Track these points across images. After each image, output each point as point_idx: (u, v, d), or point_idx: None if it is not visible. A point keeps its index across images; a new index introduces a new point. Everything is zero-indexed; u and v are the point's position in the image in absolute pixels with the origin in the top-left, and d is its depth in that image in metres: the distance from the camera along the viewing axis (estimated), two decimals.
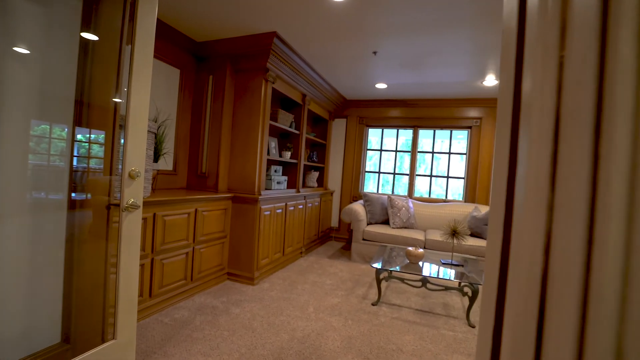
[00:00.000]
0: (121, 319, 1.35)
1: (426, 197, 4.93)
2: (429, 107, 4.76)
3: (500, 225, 0.33)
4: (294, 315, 2.42)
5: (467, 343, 2.18)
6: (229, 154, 3.20)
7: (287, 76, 3.39)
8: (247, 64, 3.07)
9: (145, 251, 2.15)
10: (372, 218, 4.34)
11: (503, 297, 0.31)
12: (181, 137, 3.11)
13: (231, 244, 3.09)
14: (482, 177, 4.53)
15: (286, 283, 3.10)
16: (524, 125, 0.30)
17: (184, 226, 2.48)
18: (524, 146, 0.29)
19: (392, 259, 2.98)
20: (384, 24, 2.54)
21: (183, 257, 2.51)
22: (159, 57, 2.76)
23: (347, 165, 5.24)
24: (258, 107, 3.07)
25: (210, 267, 2.84)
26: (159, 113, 2.79)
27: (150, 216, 2.17)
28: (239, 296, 2.70)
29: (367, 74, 3.82)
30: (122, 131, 1.40)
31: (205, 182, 3.14)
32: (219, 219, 2.92)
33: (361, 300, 2.80)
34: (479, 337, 0.36)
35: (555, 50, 0.25)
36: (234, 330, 2.13)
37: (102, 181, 1.64)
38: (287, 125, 3.75)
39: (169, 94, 2.93)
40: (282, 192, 3.53)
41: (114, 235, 1.48)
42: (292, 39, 2.95)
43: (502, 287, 0.31)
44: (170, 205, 2.34)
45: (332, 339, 2.10)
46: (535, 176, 0.26)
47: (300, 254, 4.10)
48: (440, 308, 2.75)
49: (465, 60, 3.16)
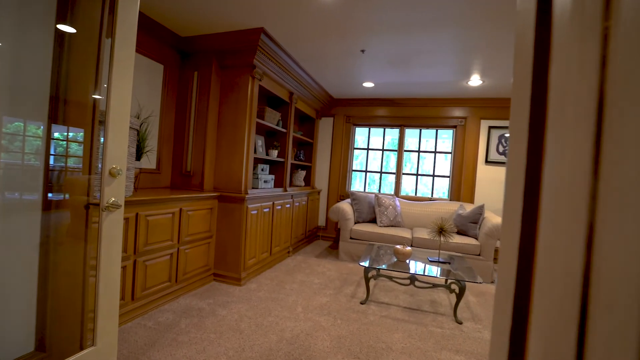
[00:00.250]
0: (101, 324, 1.28)
1: (412, 195, 4.97)
2: (415, 106, 4.81)
3: (517, 223, 0.31)
4: (283, 315, 2.38)
5: (455, 339, 2.20)
6: (214, 152, 3.12)
7: (274, 73, 3.34)
8: (233, 60, 3.01)
9: (127, 252, 2.07)
10: (359, 217, 4.34)
11: (522, 297, 0.29)
12: (165, 134, 3.02)
13: (217, 244, 3.02)
14: (466, 175, 4.61)
15: (274, 283, 3.06)
16: (556, 116, 0.27)
17: (168, 226, 2.41)
18: (557, 136, 0.27)
19: (380, 257, 2.98)
20: (372, 22, 2.53)
21: (167, 258, 2.44)
22: (141, 51, 2.67)
23: (334, 164, 5.23)
24: (244, 104, 3.01)
25: (195, 268, 2.76)
26: (141, 109, 2.69)
27: (133, 216, 2.09)
28: (225, 297, 2.64)
29: (354, 73, 3.81)
30: (103, 127, 1.33)
31: (190, 181, 3.06)
32: (205, 218, 2.85)
33: (350, 299, 2.79)
34: (492, 343, 0.35)
35: (597, 20, 0.23)
36: (221, 332, 2.08)
37: (81, 180, 1.56)
38: (274, 123, 3.71)
39: (152, 90, 2.84)
40: (269, 191, 3.48)
41: (93, 236, 1.41)
42: (280, 36, 2.90)
43: (522, 287, 0.29)
44: (154, 205, 2.26)
45: (321, 339, 2.08)
46: (573, 163, 0.23)
47: (287, 254, 4.06)
48: (427, 305, 2.77)
49: (451, 60, 3.20)
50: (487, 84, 3.88)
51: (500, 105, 4.44)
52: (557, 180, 0.26)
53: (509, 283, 0.31)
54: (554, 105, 0.28)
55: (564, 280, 0.23)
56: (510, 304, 0.30)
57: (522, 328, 0.29)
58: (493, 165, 4.54)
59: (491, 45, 2.79)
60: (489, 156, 4.54)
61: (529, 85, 0.32)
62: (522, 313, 0.29)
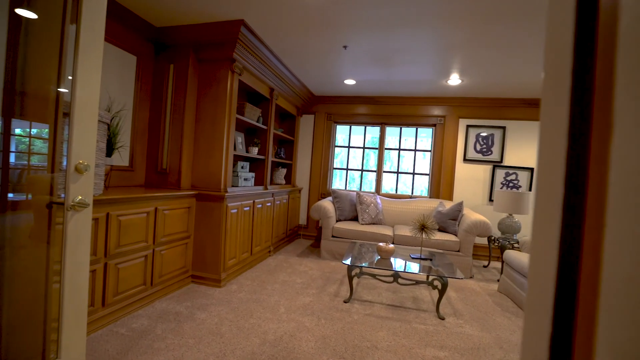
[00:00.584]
0: (67, 334, 1.17)
1: (393, 193, 5.01)
2: (396, 104, 4.84)
3: (556, 225, 0.28)
4: (265, 317, 2.31)
5: (439, 335, 2.21)
6: (192, 148, 2.99)
7: (254, 68, 3.24)
8: (212, 53, 2.89)
9: (97, 255, 1.93)
10: (341, 215, 4.32)
11: (564, 301, 0.26)
12: (139, 129, 2.86)
13: (195, 244, 2.90)
14: (445, 173, 4.69)
15: (255, 284, 2.97)
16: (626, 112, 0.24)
17: (142, 226, 2.27)
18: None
19: (362, 255, 2.97)
20: (355, 17, 2.50)
21: (142, 260, 2.30)
22: (112, 41, 2.50)
23: (315, 162, 5.18)
24: (224, 99, 2.90)
25: (172, 270, 2.64)
26: (112, 102, 2.53)
27: (103, 216, 1.96)
28: (204, 300, 2.54)
29: (336, 69, 3.77)
30: (68, 119, 1.21)
31: (167, 179, 2.92)
32: (182, 218, 2.72)
33: (333, 298, 2.75)
34: (523, 348, 0.31)
35: None
36: (200, 337, 1.99)
37: (44, 178, 1.42)
38: (255, 120, 3.61)
39: (124, 83, 2.68)
40: (250, 189, 3.38)
41: (58, 238, 1.29)
42: (261, 29, 2.81)
43: (564, 289, 0.26)
44: (127, 204, 2.12)
45: (305, 340, 2.03)
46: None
47: (268, 253, 3.97)
48: (410, 302, 2.78)
49: (431, 58, 3.22)
50: (466, 84, 3.95)
51: (478, 105, 4.55)
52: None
53: (546, 293, 0.27)
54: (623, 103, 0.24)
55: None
56: (550, 311, 0.27)
57: (566, 339, 0.26)
58: (471, 163, 4.65)
59: (470, 44, 2.83)
60: (467, 154, 4.64)
61: (569, 80, 0.28)
62: (567, 322, 0.26)
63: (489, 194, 4.57)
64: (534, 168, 4.44)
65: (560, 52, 0.31)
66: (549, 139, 0.31)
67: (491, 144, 4.57)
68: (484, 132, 4.59)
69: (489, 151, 4.58)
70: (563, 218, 0.28)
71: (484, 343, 2.15)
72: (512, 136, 4.52)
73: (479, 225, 3.57)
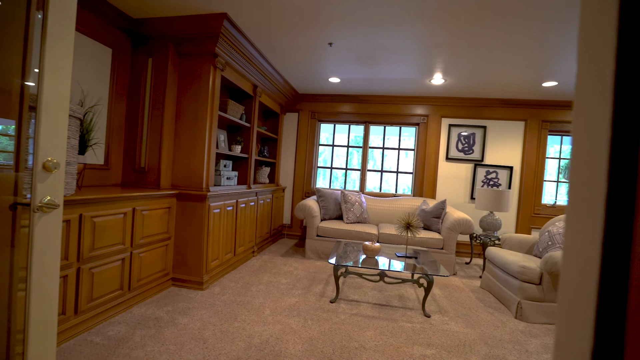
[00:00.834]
0: (34, 346, 1.07)
1: (377, 192, 5.03)
2: (380, 103, 4.85)
3: (599, 223, 0.25)
4: (250, 319, 2.25)
5: (425, 333, 2.22)
6: (172, 146, 2.88)
7: (237, 64, 3.15)
8: (193, 47, 2.78)
9: (69, 259, 1.81)
10: (325, 214, 4.29)
11: (609, 310, 0.23)
12: (115, 126, 2.71)
13: (176, 246, 2.79)
14: (429, 172, 4.75)
15: (239, 285, 2.89)
16: None
17: (119, 228, 2.16)
18: None
19: (347, 254, 2.94)
20: (340, 13, 2.46)
21: (118, 263, 2.18)
22: (85, 32, 2.36)
23: (299, 161, 5.13)
24: (206, 95, 2.80)
25: (152, 273, 2.52)
26: (85, 97, 2.38)
27: (76, 217, 1.83)
28: (186, 303, 2.44)
29: (321, 67, 3.73)
30: (35, 113, 1.11)
31: (145, 178, 2.79)
32: (162, 218, 2.61)
33: (319, 298, 2.71)
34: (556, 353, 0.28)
35: None
36: (182, 343, 1.90)
37: (8, 177, 1.31)
38: (238, 117, 3.51)
39: (99, 76, 2.53)
40: (233, 188, 3.29)
41: (24, 242, 1.18)
42: (244, 24, 2.73)
43: (609, 296, 0.23)
44: (102, 205, 2.00)
45: (292, 343, 1.98)
46: None
47: (252, 254, 3.89)
48: (396, 300, 2.78)
49: (415, 57, 3.23)
50: (449, 83, 4.00)
51: (460, 105, 4.63)
52: None
53: (589, 290, 0.24)
54: None
55: None
56: (593, 315, 0.24)
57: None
58: (453, 162, 4.72)
59: (453, 44, 2.85)
60: (449, 153, 4.71)
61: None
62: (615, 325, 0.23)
63: (470, 192, 4.66)
64: (513, 167, 4.56)
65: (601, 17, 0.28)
66: (586, 126, 0.28)
67: (472, 143, 4.66)
68: (466, 132, 4.68)
69: (470, 150, 4.67)
70: (606, 215, 0.25)
71: (469, 339, 2.17)
72: (492, 135, 4.63)
73: (462, 223, 3.62)
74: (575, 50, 2.76)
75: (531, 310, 2.53)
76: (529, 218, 4.54)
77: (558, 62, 3.07)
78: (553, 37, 2.58)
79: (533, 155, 4.52)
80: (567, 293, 0.27)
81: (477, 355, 1.98)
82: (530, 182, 4.53)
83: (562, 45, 2.70)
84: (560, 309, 0.27)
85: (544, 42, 2.67)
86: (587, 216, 0.27)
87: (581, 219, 0.27)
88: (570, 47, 2.73)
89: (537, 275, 2.53)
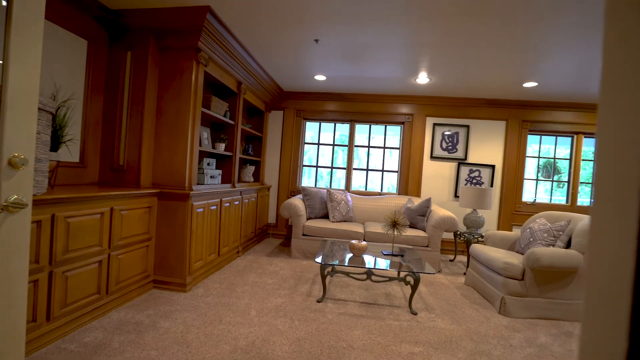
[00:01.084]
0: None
1: (362, 190, 5.03)
2: (365, 101, 4.85)
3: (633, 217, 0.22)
4: (235, 321, 2.19)
5: (413, 331, 2.22)
6: (153, 144, 2.77)
7: (221, 60, 3.07)
8: (175, 41, 2.68)
9: (40, 263, 1.70)
10: (311, 213, 4.26)
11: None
12: (91, 122, 2.58)
13: (157, 247, 2.69)
14: (413, 170, 4.79)
15: (223, 286, 2.82)
16: None
17: (95, 229, 2.05)
18: None
19: (334, 253, 2.92)
20: (327, 10, 2.43)
21: (95, 266, 2.08)
22: (58, 22, 2.23)
23: (284, 159, 5.07)
24: (188, 91, 2.71)
25: (131, 276, 2.42)
26: (58, 90, 2.26)
27: (47, 218, 1.73)
28: (168, 306, 2.36)
29: (307, 64, 3.69)
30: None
31: (124, 177, 2.67)
32: (142, 218, 2.51)
33: (306, 298, 2.68)
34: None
35: None
36: (164, 348, 1.82)
37: None
38: (222, 114, 3.43)
39: (73, 70, 2.40)
40: (217, 187, 3.21)
41: None
42: (228, 18, 2.66)
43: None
44: (77, 204, 1.90)
45: (279, 344, 1.93)
46: None
47: (237, 254, 3.81)
48: (383, 299, 2.78)
49: (401, 55, 3.24)
50: (433, 82, 4.04)
51: (444, 104, 4.68)
52: None
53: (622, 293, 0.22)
54: None
55: None
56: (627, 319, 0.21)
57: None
58: (437, 161, 4.78)
59: (438, 43, 2.87)
60: (433, 152, 4.77)
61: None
62: None
63: (454, 190, 4.73)
64: (495, 165, 4.66)
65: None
66: (613, 124, 0.26)
67: (456, 142, 4.73)
68: (450, 131, 4.74)
69: (454, 149, 4.74)
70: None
71: (455, 336, 2.19)
72: (475, 135, 4.71)
73: (447, 221, 3.67)
74: (557, 52, 2.83)
75: (514, 305, 2.58)
76: (511, 215, 4.65)
77: (538, 63, 3.14)
78: (535, 38, 2.63)
79: (514, 154, 4.64)
80: (595, 293, 0.25)
81: (464, 351, 2.00)
82: (511, 180, 4.64)
83: (544, 46, 2.76)
84: (586, 309, 0.25)
85: (526, 42, 2.72)
86: (619, 214, 0.25)
87: (612, 217, 0.25)
88: (551, 48, 2.79)
89: (519, 271, 2.59)
